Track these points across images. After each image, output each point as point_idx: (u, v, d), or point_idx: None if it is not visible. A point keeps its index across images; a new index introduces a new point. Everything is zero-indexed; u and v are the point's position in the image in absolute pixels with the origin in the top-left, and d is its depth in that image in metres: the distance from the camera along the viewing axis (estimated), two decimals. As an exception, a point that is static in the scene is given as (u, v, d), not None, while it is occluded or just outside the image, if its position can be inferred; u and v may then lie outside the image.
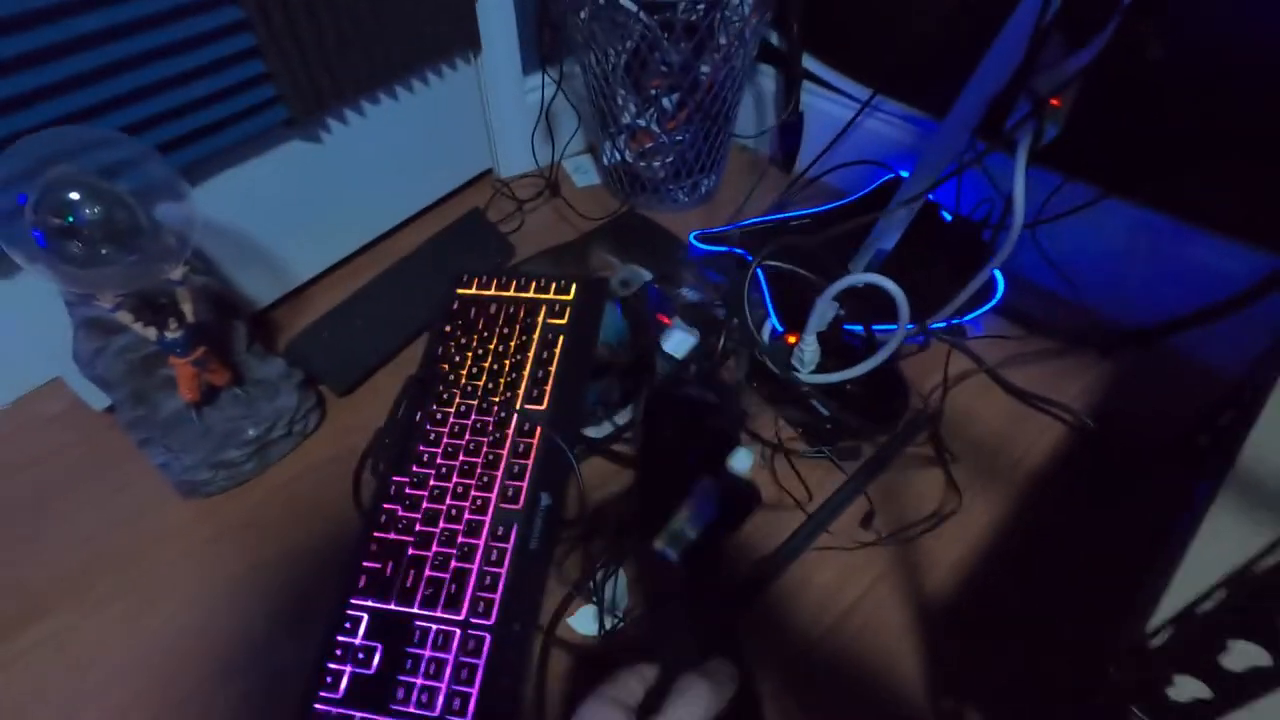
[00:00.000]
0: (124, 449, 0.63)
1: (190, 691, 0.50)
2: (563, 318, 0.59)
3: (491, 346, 0.58)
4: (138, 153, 0.53)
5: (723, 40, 0.77)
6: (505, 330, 0.59)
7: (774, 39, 0.91)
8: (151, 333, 0.54)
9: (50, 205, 0.47)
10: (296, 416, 0.64)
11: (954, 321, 0.74)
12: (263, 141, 0.69)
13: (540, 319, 0.59)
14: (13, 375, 0.69)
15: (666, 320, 0.66)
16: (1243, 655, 0.25)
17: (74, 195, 0.47)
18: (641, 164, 0.89)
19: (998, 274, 0.75)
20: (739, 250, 0.79)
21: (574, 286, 0.61)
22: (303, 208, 0.76)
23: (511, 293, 0.61)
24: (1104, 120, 0.66)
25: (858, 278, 0.54)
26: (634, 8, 0.72)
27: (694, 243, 0.81)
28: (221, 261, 0.71)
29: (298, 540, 0.58)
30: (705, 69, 0.79)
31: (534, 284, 0.61)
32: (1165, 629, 0.28)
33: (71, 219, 0.47)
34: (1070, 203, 0.70)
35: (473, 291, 0.61)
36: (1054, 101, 0.56)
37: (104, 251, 0.50)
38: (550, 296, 0.60)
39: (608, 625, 0.50)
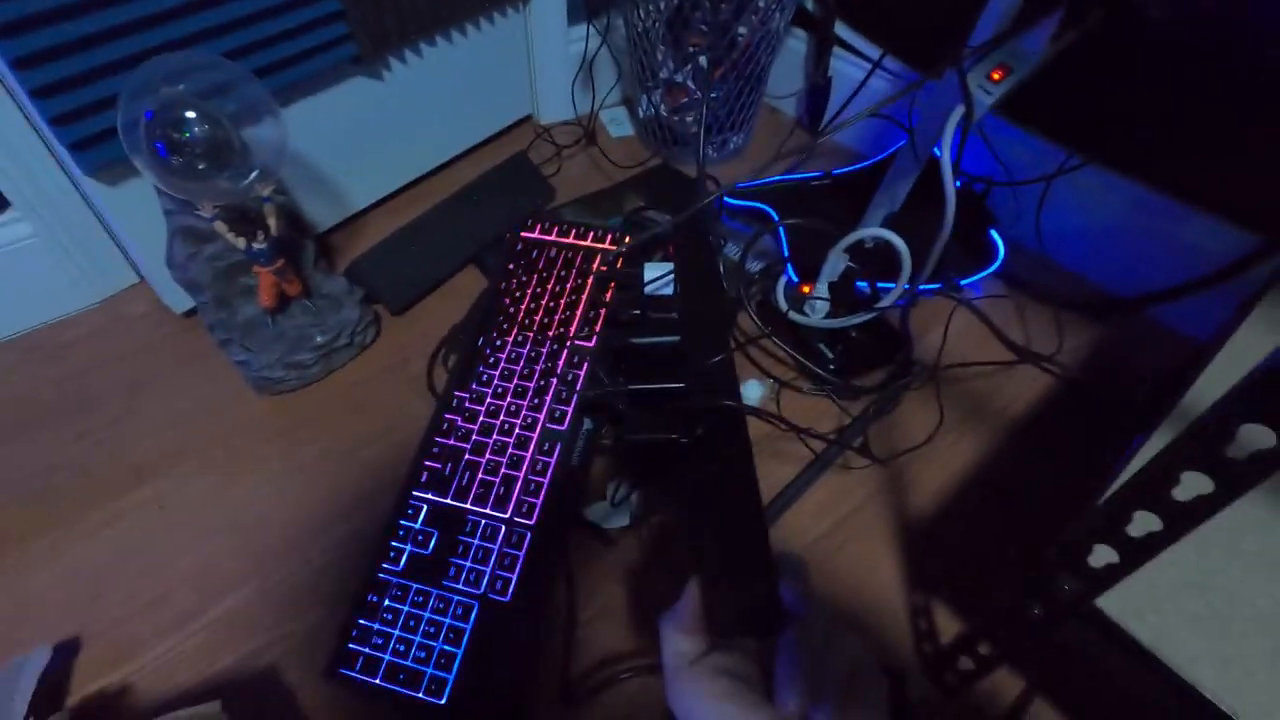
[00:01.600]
0: (204, 348, 0.71)
1: (271, 549, 0.58)
2: (615, 265, 0.65)
3: (549, 286, 0.65)
4: (238, 76, 0.59)
5: (761, 3, 0.82)
6: (563, 272, 0.65)
7: (809, 4, 0.95)
8: (241, 242, 0.61)
9: (168, 121, 0.53)
10: (358, 329, 0.71)
11: (960, 283, 0.80)
12: (332, 76, 0.75)
13: (595, 265, 0.65)
14: (101, 277, 0.76)
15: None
16: (1144, 523, 0.32)
17: (189, 114, 0.53)
18: (675, 118, 0.94)
19: (998, 240, 0.81)
20: (764, 207, 0.85)
21: (627, 238, 0.67)
22: (363, 140, 0.82)
23: (571, 239, 0.67)
24: (1098, 91, 0.71)
25: (866, 231, 0.60)
26: (681, -32, 0.76)
27: (725, 199, 0.87)
28: (290, 185, 0.78)
29: (358, 434, 0.66)
30: (743, 30, 0.84)
31: (591, 233, 0.67)
32: (1090, 517, 0.35)
33: (187, 134, 0.53)
34: (1055, 170, 0.76)
35: (536, 235, 0.68)
36: (994, 74, 0.60)
37: (201, 167, 0.57)
38: (605, 246, 0.67)
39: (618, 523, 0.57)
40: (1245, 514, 0.31)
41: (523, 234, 0.68)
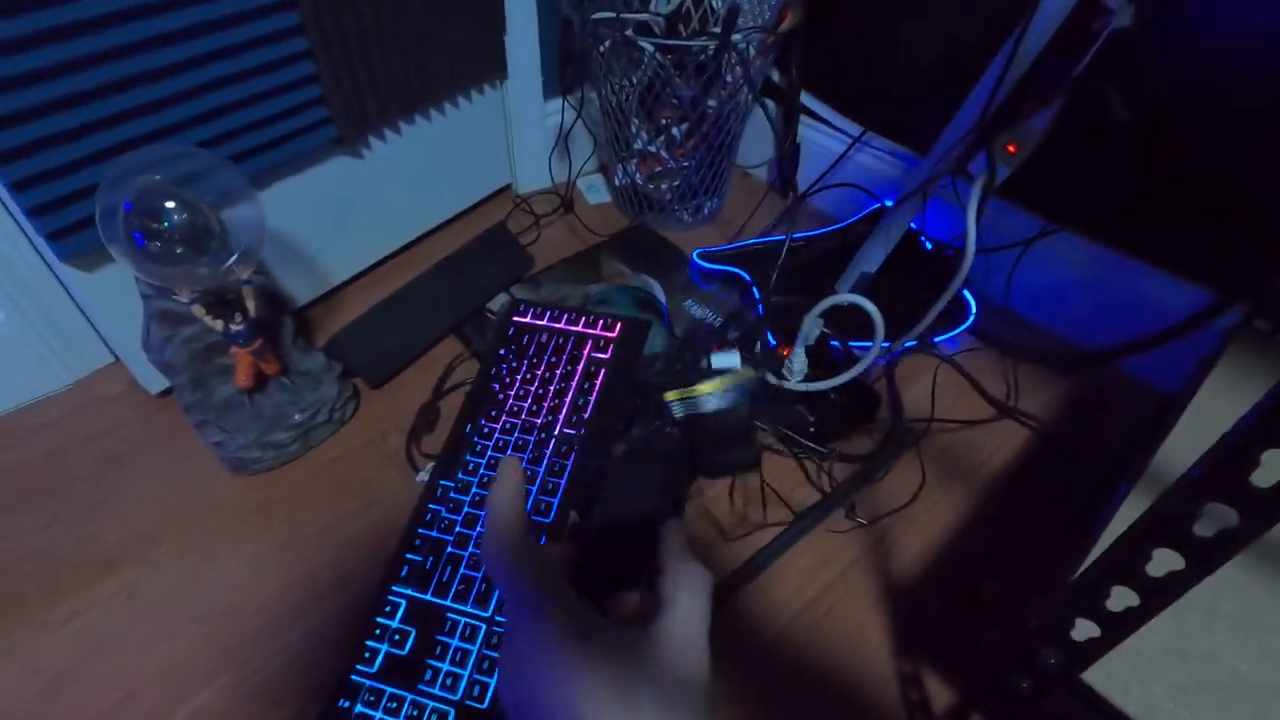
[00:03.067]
0: (178, 428, 0.70)
1: (244, 639, 0.56)
2: (606, 352, 0.66)
3: (539, 372, 0.65)
4: (215, 164, 0.60)
5: (729, 79, 0.85)
6: (553, 359, 0.65)
7: (776, 77, 0.99)
8: (219, 325, 0.62)
9: (146, 210, 0.54)
10: (336, 405, 0.71)
11: (933, 340, 0.82)
12: (312, 156, 0.77)
13: (585, 351, 0.66)
14: (75, 359, 0.76)
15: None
16: (1121, 597, 0.33)
17: (168, 203, 0.54)
18: (650, 186, 0.97)
19: (969, 298, 0.83)
20: (737, 270, 0.86)
21: (618, 325, 0.68)
22: (342, 215, 0.83)
23: (562, 325, 0.68)
24: (1063, 161, 0.74)
25: (840, 297, 0.61)
26: (650, 47, 0.80)
27: (696, 260, 0.89)
28: (269, 262, 0.78)
29: (336, 513, 0.65)
30: (713, 103, 0.88)
31: (583, 319, 0.68)
32: (1069, 592, 0.35)
33: (165, 224, 0.54)
34: (1026, 234, 0.79)
35: (527, 320, 0.68)
36: (1010, 148, 0.64)
37: (179, 252, 0.57)
38: (596, 332, 0.67)
39: None
40: (1220, 576, 0.31)
41: (514, 317, 0.69)
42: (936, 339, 0.82)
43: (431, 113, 0.87)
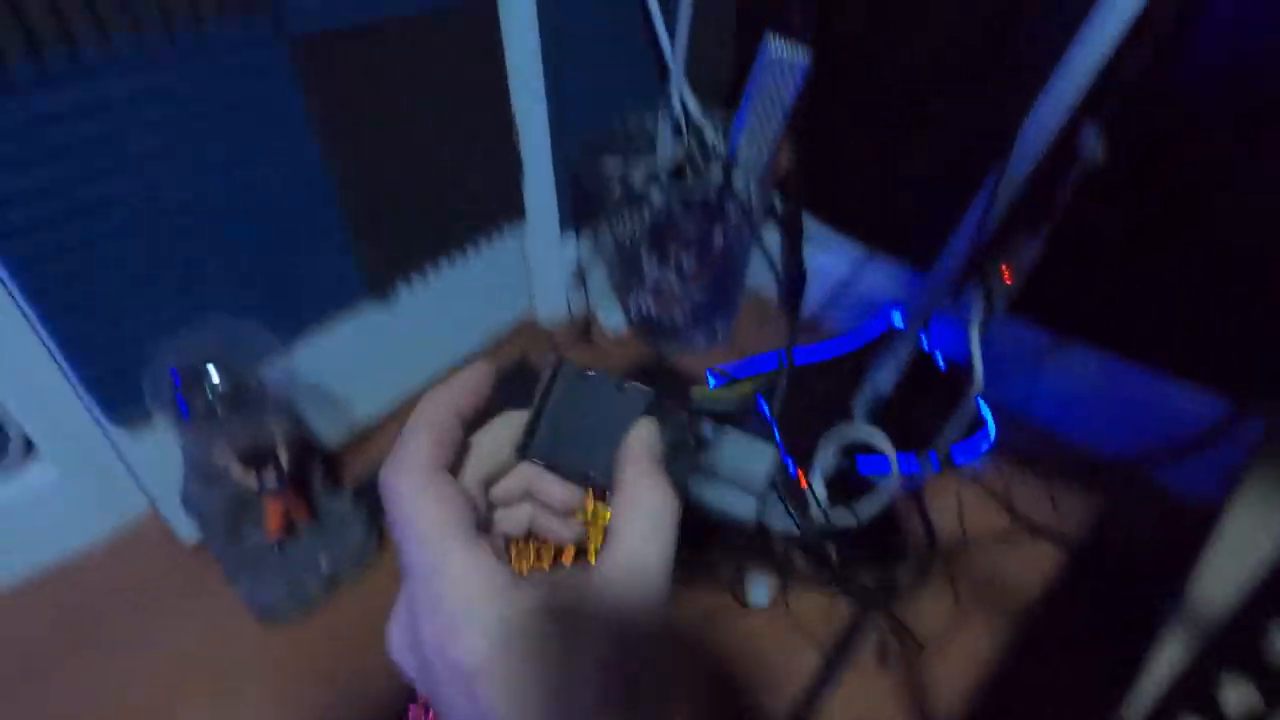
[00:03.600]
0: (211, 578, 0.72)
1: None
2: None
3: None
4: (251, 329, 0.65)
5: (733, 215, 0.91)
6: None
7: (777, 203, 1.04)
8: (253, 478, 0.64)
9: (191, 379, 0.58)
10: (363, 551, 0.72)
11: (955, 457, 0.81)
12: (341, 309, 0.82)
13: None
14: (114, 510, 0.78)
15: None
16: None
17: (211, 372, 0.58)
18: (664, 314, 1.01)
19: (987, 413, 0.83)
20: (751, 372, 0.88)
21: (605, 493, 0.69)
22: (369, 360, 0.88)
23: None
24: (1063, 273, 0.76)
25: (854, 431, 0.62)
26: (659, 192, 0.86)
27: (711, 379, 0.91)
28: (299, 409, 0.82)
29: (361, 667, 0.65)
30: (719, 237, 0.92)
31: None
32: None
33: (208, 391, 0.58)
34: (1039, 344, 0.80)
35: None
36: (1005, 275, 0.66)
37: (218, 414, 0.61)
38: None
39: None
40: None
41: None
42: (957, 456, 0.82)
43: (455, 256, 0.93)
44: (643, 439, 0.27)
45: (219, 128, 0.61)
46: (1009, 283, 0.64)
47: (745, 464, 0.33)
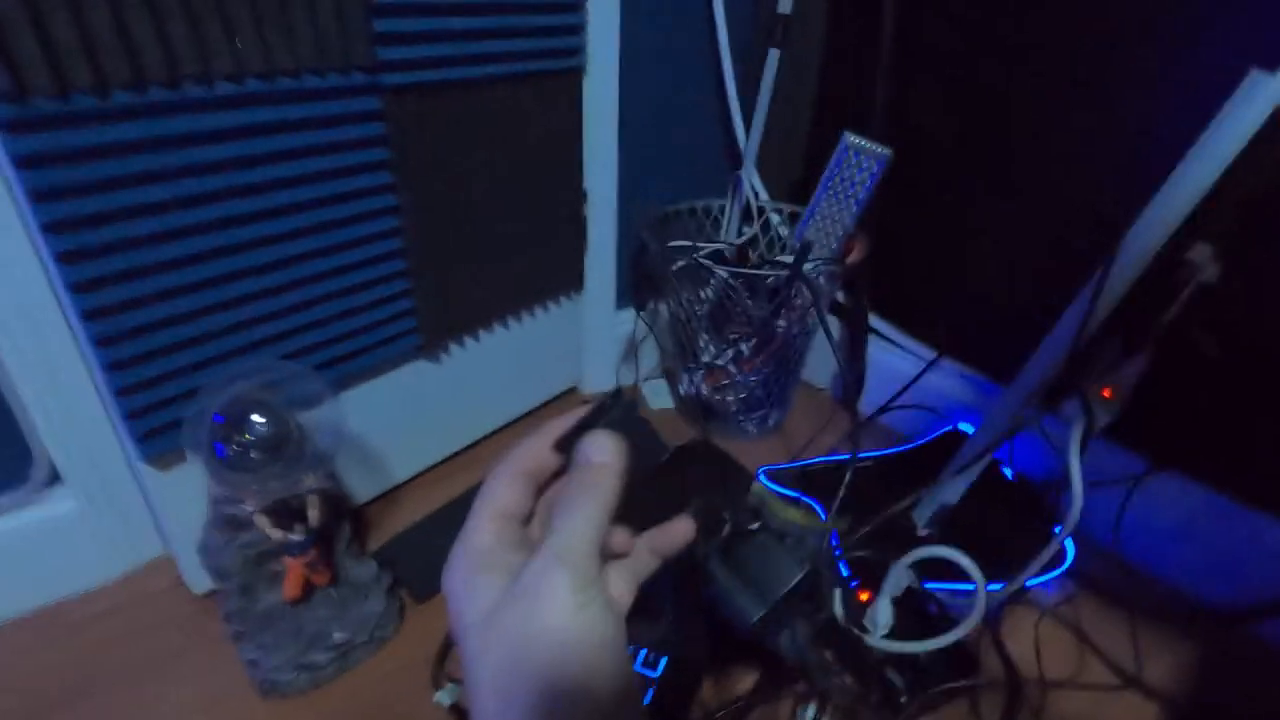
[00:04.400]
0: (214, 636, 0.67)
1: None
2: None
3: None
4: (299, 373, 0.62)
5: (798, 302, 0.88)
6: None
7: (842, 298, 1.02)
8: (279, 534, 0.60)
9: (233, 421, 0.55)
10: (380, 622, 0.67)
11: (1026, 585, 0.74)
12: (391, 363, 0.79)
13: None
14: (129, 550, 0.74)
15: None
16: None
17: (255, 416, 0.55)
18: (716, 397, 0.97)
19: (1069, 543, 0.76)
20: (806, 498, 0.82)
21: None
22: (411, 416, 0.85)
23: None
24: (1161, 397, 0.71)
25: (934, 550, 0.56)
26: (724, 273, 0.83)
27: (763, 479, 0.86)
28: (335, 463, 0.78)
29: (364, 756, 0.59)
30: (781, 323, 0.89)
31: None
32: None
33: (249, 435, 0.55)
34: (1128, 469, 0.74)
35: None
36: (1105, 393, 0.62)
37: (255, 458, 0.58)
38: None
39: None
40: None
41: None
42: (1030, 582, 0.75)
43: (509, 320, 0.91)
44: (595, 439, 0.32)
45: (302, 169, 0.60)
46: (1110, 399, 0.59)
47: (771, 573, 0.36)
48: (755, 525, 0.42)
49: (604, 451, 0.31)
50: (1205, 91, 0.53)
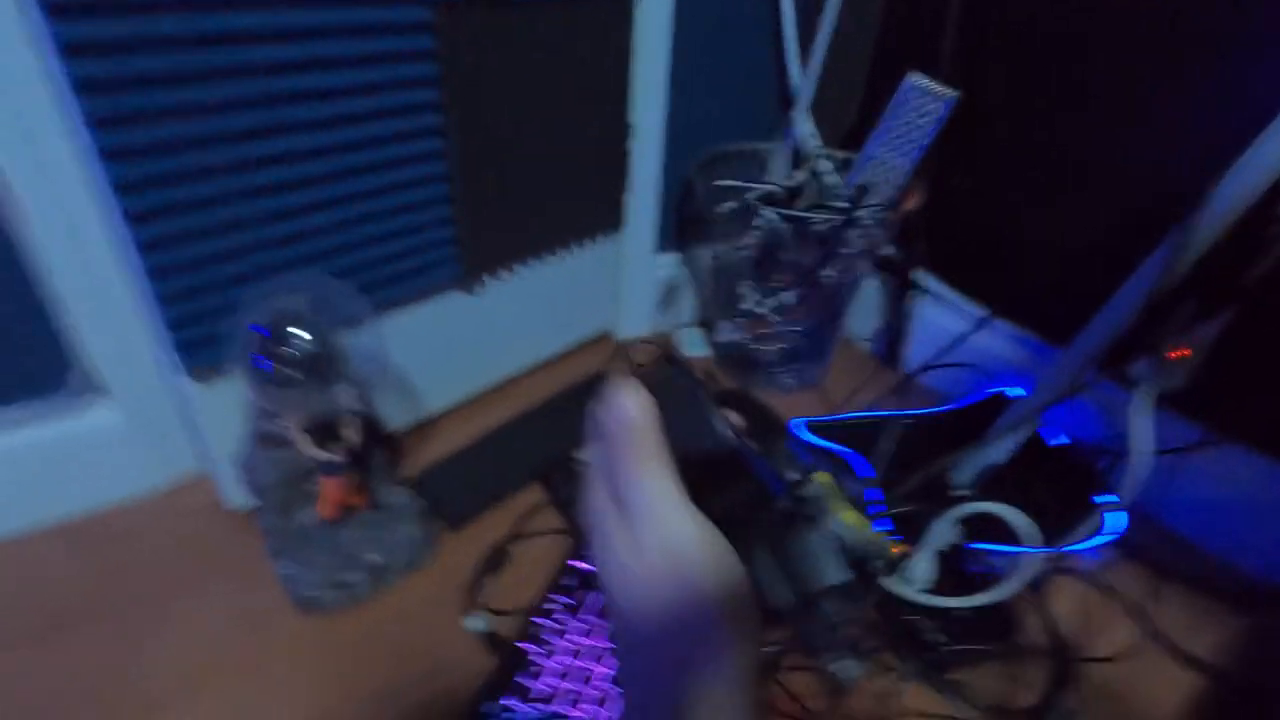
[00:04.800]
0: (253, 553, 0.67)
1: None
2: None
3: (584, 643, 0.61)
4: (344, 292, 0.61)
5: (848, 251, 0.85)
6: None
7: (892, 251, 0.98)
8: (318, 453, 0.60)
9: (277, 336, 0.54)
10: (415, 548, 0.67)
11: (1067, 549, 0.72)
12: (430, 291, 0.78)
13: None
14: (168, 465, 0.75)
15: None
16: None
17: (298, 331, 0.54)
18: (755, 346, 0.95)
19: (1114, 507, 0.74)
20: (848, 451, 0.81)
21: None
22: (447, 348, 0.84)
23: None
24: (1228, 365, 0.68)
25: (986, 506, 0.55)
26: (776, 217, 0.80)
27: (800, 431, 0.84)
28: (374, 386, 0.78)
29: (398, 674, 0.59)
30: (829, 273, 0.86)
31: None
32: None
33: (292, 351, 0.54)
34: (1179, 438, 0.71)
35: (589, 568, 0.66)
36: (1176, 354, 0.58)
37: (299, 377, 0.57)
38: None
39: None
40: None
41: (570, 561, 0.67)
42: (1074, 547, 0.73)
43: (547, 256, 0.89)
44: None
45: (349, 79, 0.58)
46: (1179, 359, 0.56)
47: (813, 568, 0.33)
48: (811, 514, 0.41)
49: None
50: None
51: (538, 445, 0.80)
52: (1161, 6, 0.69)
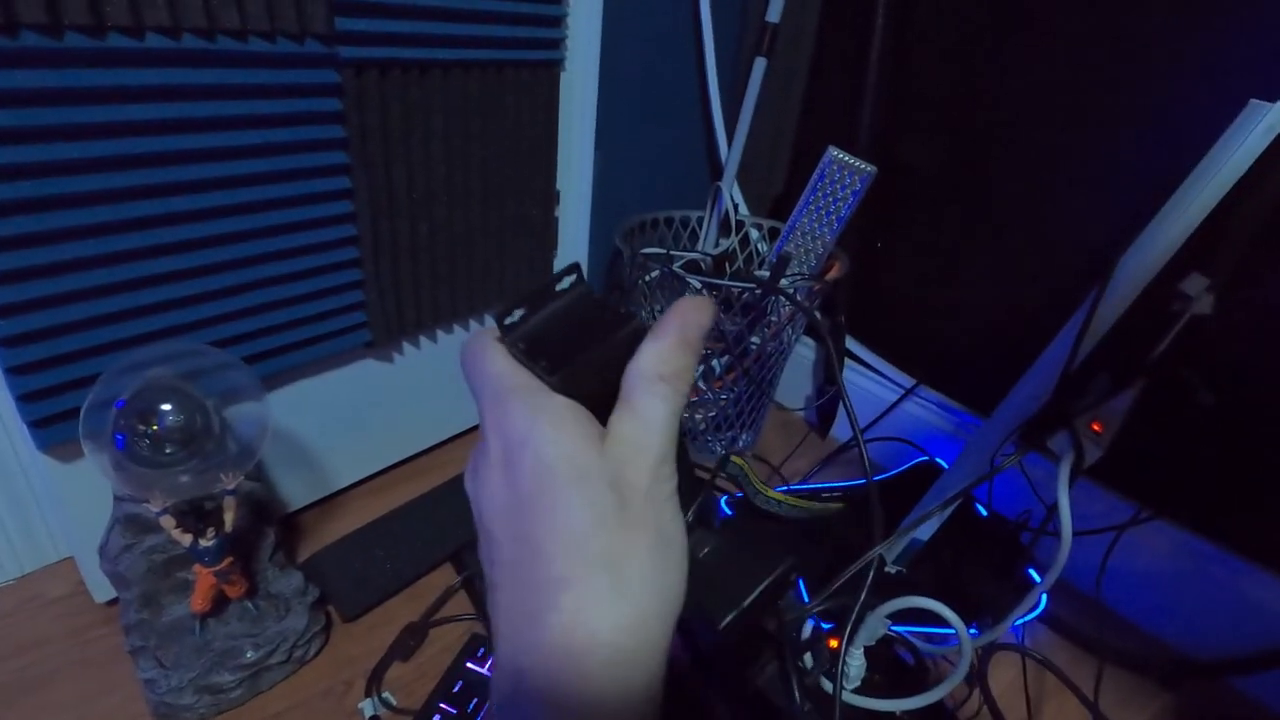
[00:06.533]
0: (113, 649, 0.60)
1: None
2: None
3: None
4: (226, 362, 0.56)
5: (774, 319, 0.84)
6: None
7: (820, 319, 0.98)
8: (187, 539, 0.54)
9: (139, 409, 0.49)
10: (300, 641, 0.60)
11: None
12: (338, 359, 0.74)
13: None
14: (26, 551, 0.67)
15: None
16: None
17: (165, 405, 0.49)
18: (685, 415, 0.92)
19: (1037, 579, 0.72)
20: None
21: None
22: (357, 418, 0.79)
23: None
24: (1148, 439, 0.68)
25: (916, 601, 0.52)
26: (698, 285, 0.79)
27: (723, 508, 0.81)
28: (266, 461, 0.72)
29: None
30: (756, 340, 0.86)
31: None
32: None
33: (156, 425, 0.49)
34: (1112, 519, 0.70)
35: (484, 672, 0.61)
36: (1095, 427, 0.58)
37: (169, 452, 0.52)
38: None
39: None
40: None
41: (468, 663, 0.62)
42: (1017, 629, 0.71)
43: (470, 322, 0.86)
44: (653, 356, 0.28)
45: (245, 139, 0.55)
46: (1100, 434, 0.55)
47: (730, 577, 0.31)
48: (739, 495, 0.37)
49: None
50: (1199, 123, 0.51)
51: (451, 522, 0.75)
52: (1070, 83, 0.72)
